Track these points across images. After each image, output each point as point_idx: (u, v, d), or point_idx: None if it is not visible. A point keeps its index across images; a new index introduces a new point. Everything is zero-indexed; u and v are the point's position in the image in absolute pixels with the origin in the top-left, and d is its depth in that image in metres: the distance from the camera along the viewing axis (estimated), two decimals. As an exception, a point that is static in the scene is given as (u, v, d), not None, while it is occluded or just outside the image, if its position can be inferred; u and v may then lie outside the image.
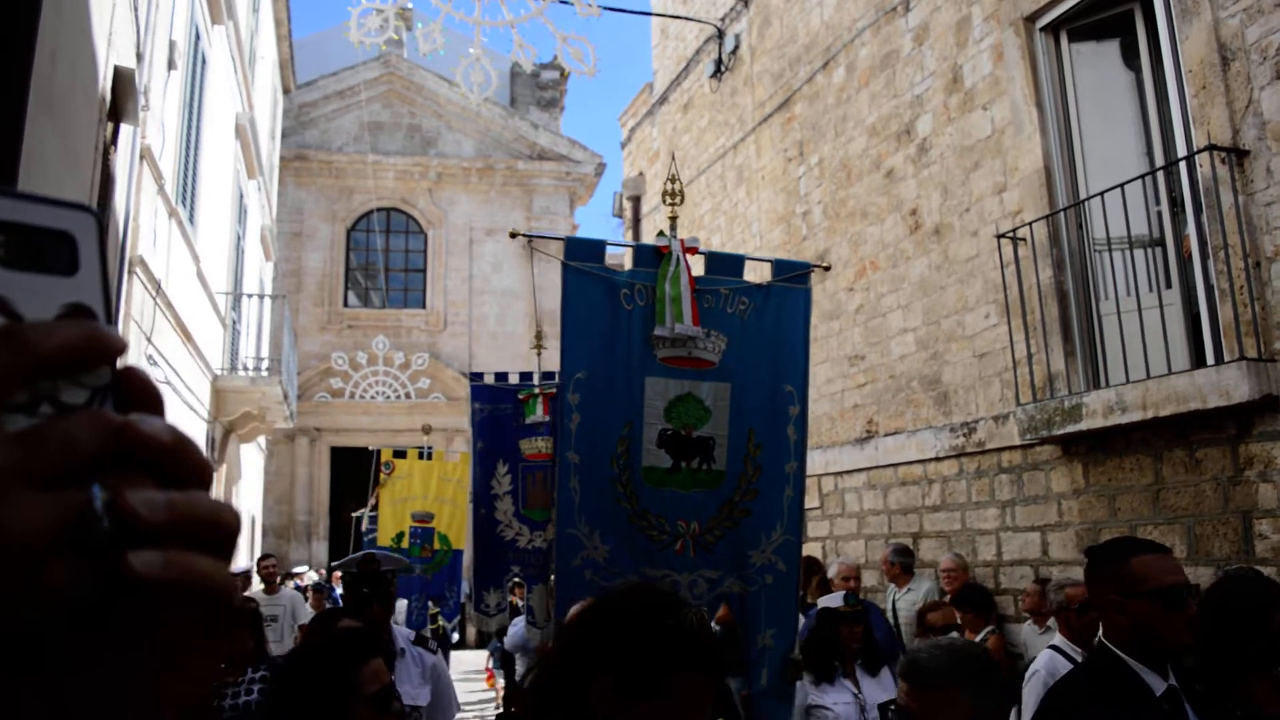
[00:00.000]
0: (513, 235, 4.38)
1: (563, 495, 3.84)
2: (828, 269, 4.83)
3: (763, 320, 4.22)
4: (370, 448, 13.32)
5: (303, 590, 14.05)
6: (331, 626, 3.46)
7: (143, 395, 0.47)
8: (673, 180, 4.24)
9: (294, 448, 22.51)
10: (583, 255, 4.04)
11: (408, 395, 22.92)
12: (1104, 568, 2.55)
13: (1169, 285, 6.30)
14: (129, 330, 8.15)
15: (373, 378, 22.96)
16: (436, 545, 9.41)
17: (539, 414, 6.51)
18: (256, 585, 10.57)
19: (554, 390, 6.21)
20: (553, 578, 6.13)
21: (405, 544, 9.30)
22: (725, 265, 4.33)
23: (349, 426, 22.78)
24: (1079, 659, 4.37)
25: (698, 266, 4.16)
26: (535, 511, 6.56)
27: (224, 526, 0.46)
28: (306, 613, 9.99)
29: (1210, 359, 5.81)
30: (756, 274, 4.42)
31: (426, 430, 11.07)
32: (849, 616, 4.77)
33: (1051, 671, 4.23)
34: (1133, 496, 6.18)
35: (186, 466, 0.46)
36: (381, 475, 9.83)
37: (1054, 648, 4.62)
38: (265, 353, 16.36)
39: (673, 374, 4.04)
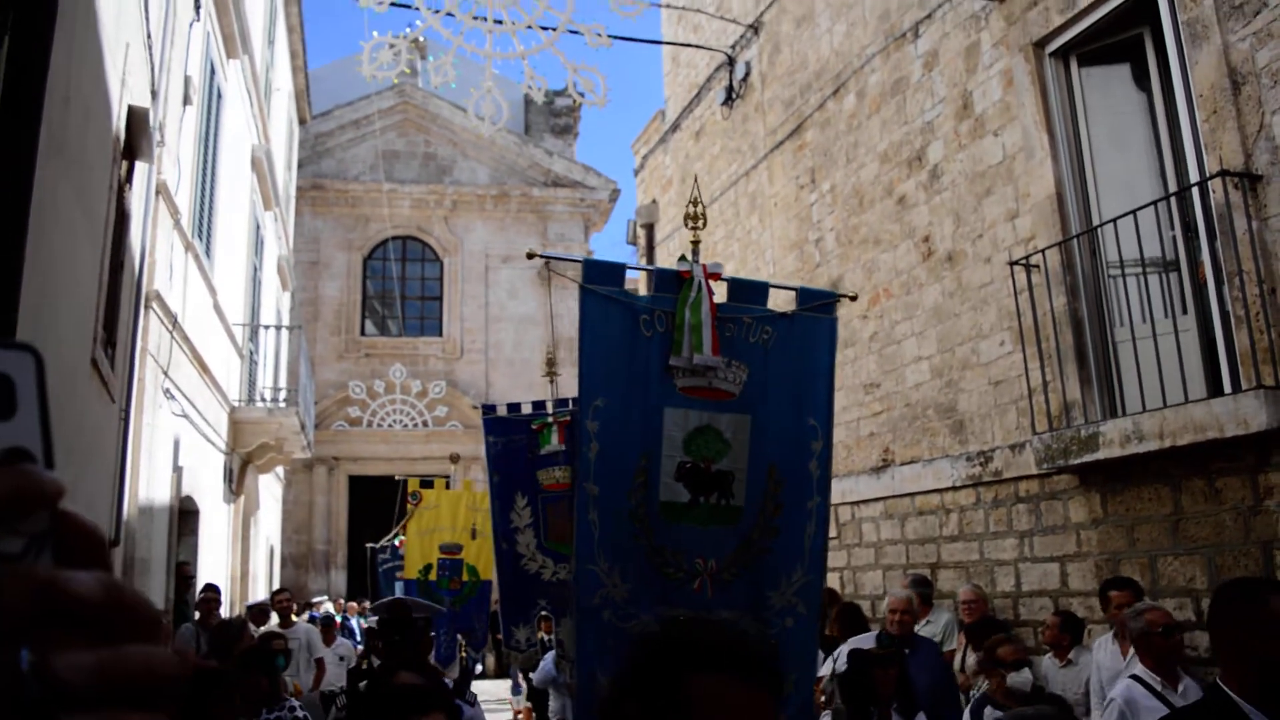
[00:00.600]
0: (530, 256, 4.24)
1: (581, 528, 3.68)
2: (854, 299, 4.72)
3: (786, 351, 4.05)
4: (397, 477, 13.24)
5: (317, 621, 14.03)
6: (389, 679, 3.37)
7: (82, 541, 0.47)
8: (694, 204, 4.09)
9: (312, 477, 22.56)
10: (601, 279, 3.86)
11: (425, 423, 22.96)
12: (1236, 606, 2.38)
13: (1184, 311, 6.24)
14: (145, 365, 8.20)
15: (390, 406, 23.02)
16: (465, 577, 9.17)
17: (555, 443, 6.30)
18: (273, 620, 10.54)
19: (569, 418, 6.05)
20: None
21: (433, 576, 9.12)
22: (749, 293, 4.15)
23: (367, 455, 22.83)
24: (1159, 688, 4.23)
25: (720, 293, 4.02)
26: (558, 544, 6.29)
27: (157, 678, 0.45)
28: (322, 646, 9.94)
29: (1227, 387, 5.74)
30: (778, 303, 4.27)
31: (454, 459, 10.94)
32: (882, 659, 4.54)
33: (1128, 700, 4.08)
34: (1152, 527, 6.11)
35: (119, 620, 0.45)
36: (409, 506, 9.65)
37: (1134, 677, 4.39)
38: (283, 383, 16.44)
39: (693, 404, 3.87)
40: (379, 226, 24.08)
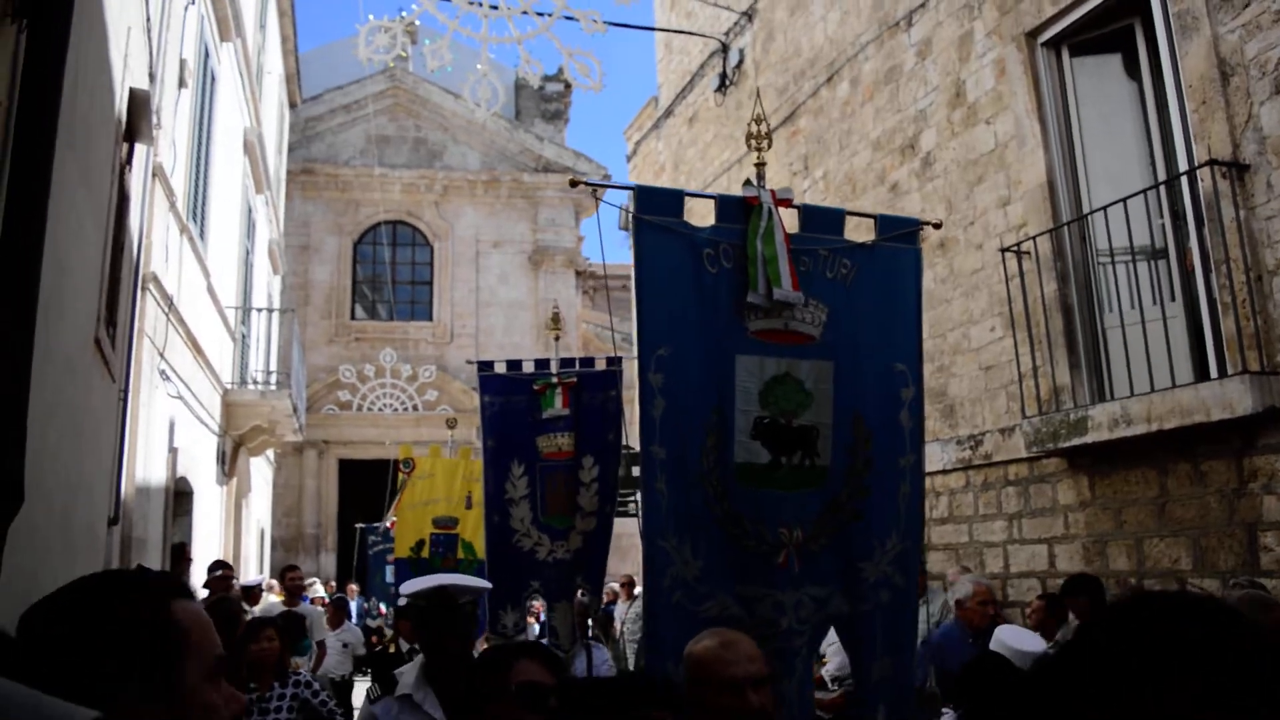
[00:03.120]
0: (573, 184, 3.78)
1: (649, 500, 3.24)
2: (938, 226, 4.32)
3: (868, 287, 3.62)
4: (391, 445, 12.81)
5: (313, 603, 14.06)
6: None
7: None
8: (758, 121, 3.67)
9: (302, 460, 22.61)
10: (657, 208, 3.40)
11: (415, 407, 23.01)
12: None
13: (1172, 298, 6.36)
14: (142, 346, 8.23)
15: (380, 390, 23.06)
16: (461, 554, 8.49)
17: (558, 406, 5.76)
18: (268, 599, 10.58)
19: (574, 380, 5.77)
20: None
21: (425, 553, 8.53)
22: (824, 221, 3.69)
23: (356, 439, 22.88)
24: None
25: (790, 223, 3.56)
26: (556, 518, 5.77)
27: None
28: (325, 628, 9.90)
29: (1214, 372, 5.86)
30: (854, 234, 3.83)
31: (451, 424, 10.60)
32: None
33: None
34: (1138, 509, 6.24)
35: None
36: (400, 475, 9.10)
37: None
38: (274, 366, 16.46)
39: (768, 350, 3.42)
40: (369, 211, 24.09)
